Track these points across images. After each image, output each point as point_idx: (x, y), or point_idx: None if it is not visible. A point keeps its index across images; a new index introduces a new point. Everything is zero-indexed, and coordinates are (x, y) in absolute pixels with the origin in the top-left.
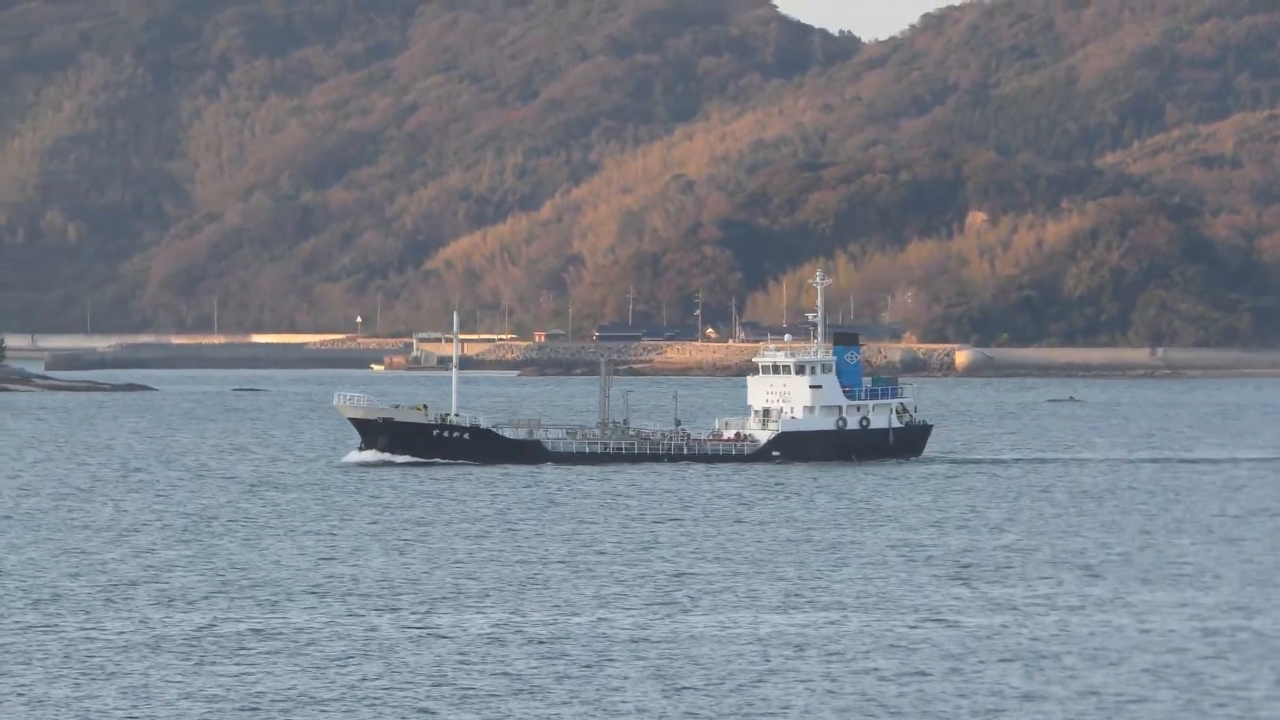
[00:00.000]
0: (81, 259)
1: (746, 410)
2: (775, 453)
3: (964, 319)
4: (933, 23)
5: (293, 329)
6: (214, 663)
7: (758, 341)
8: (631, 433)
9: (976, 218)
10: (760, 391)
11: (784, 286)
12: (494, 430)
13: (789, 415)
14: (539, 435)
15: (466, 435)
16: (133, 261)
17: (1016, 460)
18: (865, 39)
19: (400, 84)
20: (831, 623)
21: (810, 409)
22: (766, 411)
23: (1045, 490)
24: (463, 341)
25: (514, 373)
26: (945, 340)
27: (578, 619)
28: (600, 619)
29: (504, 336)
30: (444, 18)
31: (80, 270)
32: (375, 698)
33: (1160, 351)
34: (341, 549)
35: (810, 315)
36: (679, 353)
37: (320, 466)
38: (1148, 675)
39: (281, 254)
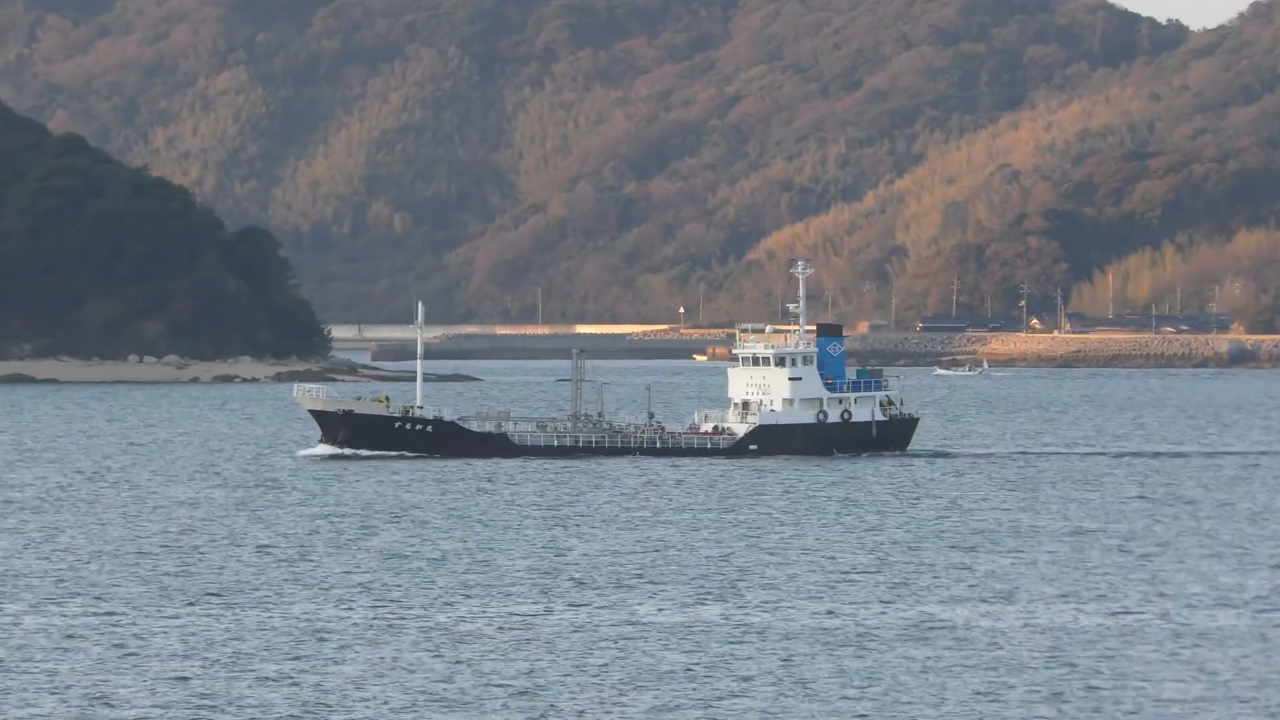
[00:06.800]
0: (407, 250)
1: (727, 403)
2: (752, 446)
3: None
4: (1262, 11)
5: (615, 320)
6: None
7: (1084, 333)
8: (604, 426)
9: None
10: (740, 383)
11: (1109, 277)
12: (458, 423)
13: (768, 408)
14: (506, 428)
15: (429, 428)
16: (458, 252)
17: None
18: (1193, 27)
19: (723, 75)
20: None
21: (790, 401)
22: (745, 404)
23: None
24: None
25: None
26: (1274, 331)
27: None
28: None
29: None
30: (767, 8)
31: (406, 261)
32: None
33: None
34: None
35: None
36: (1003, 344)
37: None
38: None
39: (604, 245)
